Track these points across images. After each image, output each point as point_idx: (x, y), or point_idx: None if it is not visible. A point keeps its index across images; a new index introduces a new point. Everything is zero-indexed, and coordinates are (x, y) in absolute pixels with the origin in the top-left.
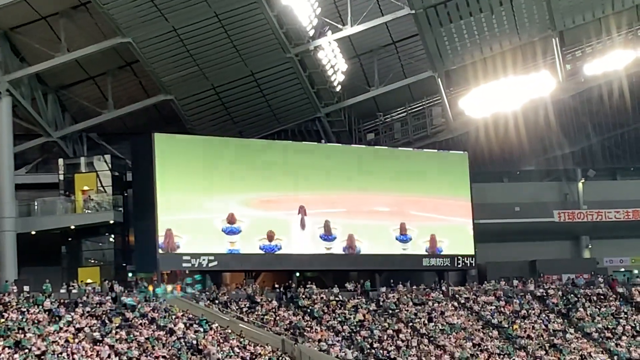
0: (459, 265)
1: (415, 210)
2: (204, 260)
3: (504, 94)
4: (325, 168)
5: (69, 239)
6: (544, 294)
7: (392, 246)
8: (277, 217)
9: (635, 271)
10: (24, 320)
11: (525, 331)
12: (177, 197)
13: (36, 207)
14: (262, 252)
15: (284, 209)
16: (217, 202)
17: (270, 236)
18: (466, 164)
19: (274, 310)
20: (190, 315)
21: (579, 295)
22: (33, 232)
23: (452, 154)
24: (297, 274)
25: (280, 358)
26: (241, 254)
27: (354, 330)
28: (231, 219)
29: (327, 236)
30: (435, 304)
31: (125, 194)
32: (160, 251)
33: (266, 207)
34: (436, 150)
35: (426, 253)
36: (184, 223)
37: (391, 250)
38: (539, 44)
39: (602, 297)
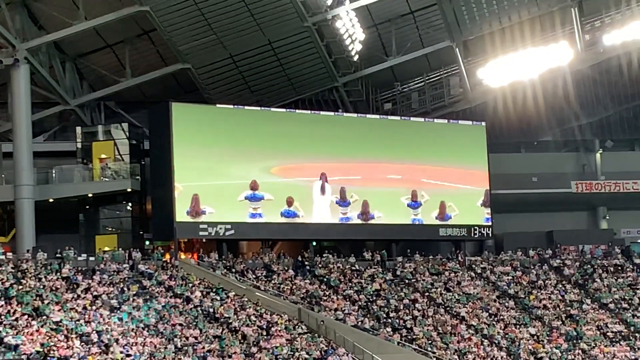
0: (475, 236)
1: (428, 179)
2: (221, 228)
3: (522, 64)
4: (342, 137)
5: (87, 207)
6: (561, 265)
7: (404, 212)
8: (296, 184)
9: None
10: (42, 287)
11: (541, 301)
12: (194, 166)
13: (54, 174)
14: (283, 218)
15: (302, 176)
16: (236, 170)
17: (290, 202)
18: (484, 134)
19: (290, 279)
20: (207, 284)
21: (595, 266)
22: (51, 200)
23: (470, 124)
24: (314, 243)
25: (297, 327)
26: (258, 222)
27: (371, 299)
28: (254, 186)
29: (343, 202)
30: (452, 274)
31: (143, 162)
32: (187, 217)
33: (285, 175)
34: (453, 121)
35: (439, 222)
36: (204, 190)
37: (403, 216)
38: (558, 14)
39: (619, 268)
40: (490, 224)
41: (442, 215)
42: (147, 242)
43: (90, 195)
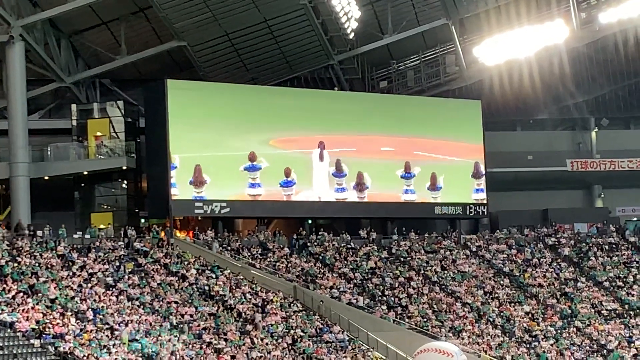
0: (471, 214)
1: (420, 151)
2: (216, 206)
3: (518, 42)
4: (337, 112)
5: (82, 185)
6: (556, 243)
7: (397, 183)
8: (294, 156)
9: None
10: (38, 265)
11: (536, 279)
12: (192, 139)
13: (49, 152)
14: (282, 188)
15: (300, 148)
16: (234, 142)
17: (287, 172)
18: (479, 112)
19: (285, 257)
20: (203, 262)
21: (590, 244)
22: (46, 178)
23: (465, 101)
24: (309, 221)
25: (292, 304)
26: (254, 200)
27: (366, 277)
28: (252, 157)
29: (339, 174)
30: (447, 252)
31: (138, 140)
32: (190, 187)
33: (283, 147)
34: (448, 98)
35: (434, 200)
36: (203, 162)
37: (396, 187)
38: None
39: (613, 246)
40: (485, 199)
41: (434, 186)
42: (143, 220)
43: (85, 173)
